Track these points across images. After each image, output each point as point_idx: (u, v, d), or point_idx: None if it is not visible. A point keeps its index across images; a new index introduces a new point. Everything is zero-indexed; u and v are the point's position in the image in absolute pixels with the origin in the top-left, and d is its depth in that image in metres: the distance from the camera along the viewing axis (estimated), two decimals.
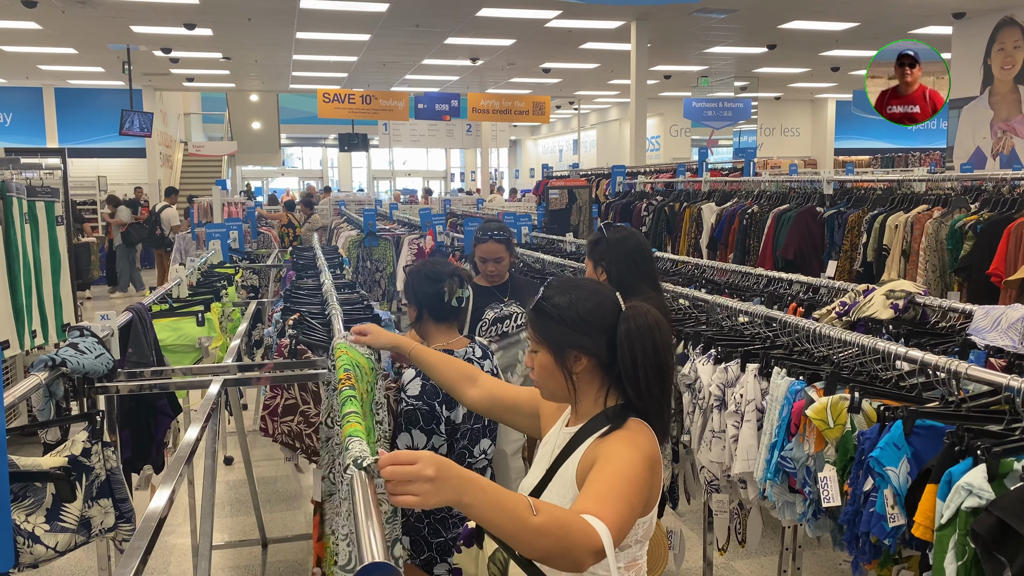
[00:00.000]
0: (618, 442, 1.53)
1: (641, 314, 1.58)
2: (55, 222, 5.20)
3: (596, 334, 1.60)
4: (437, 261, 2.73)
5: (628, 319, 1.58)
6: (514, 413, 1.93)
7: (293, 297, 3.73)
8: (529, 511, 1.28)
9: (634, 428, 1.56)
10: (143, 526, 1.45)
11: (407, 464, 1.22)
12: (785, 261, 5.73)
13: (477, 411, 2.03)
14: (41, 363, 2.18)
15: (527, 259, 5.11)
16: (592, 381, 1.63)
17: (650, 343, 1.56)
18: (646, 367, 1.56)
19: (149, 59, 15.84)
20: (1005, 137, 11.36)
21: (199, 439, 1.98)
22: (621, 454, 1.49)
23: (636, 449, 1.51)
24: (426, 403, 2.41)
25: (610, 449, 1.51)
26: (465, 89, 20.24)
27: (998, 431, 1.85)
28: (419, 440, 2.42)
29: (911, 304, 2.97)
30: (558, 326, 1.62)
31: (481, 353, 2.59)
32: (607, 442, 1.54)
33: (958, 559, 1.69)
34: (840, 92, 22.78)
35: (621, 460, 1.48)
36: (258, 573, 3.88)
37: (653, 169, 10.83)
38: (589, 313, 1.61)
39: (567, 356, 1.62)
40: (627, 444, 1.52)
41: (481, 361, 2.56)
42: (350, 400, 1.71)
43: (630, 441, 1.53)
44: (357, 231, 8.16)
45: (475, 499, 1.25)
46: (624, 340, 1.56)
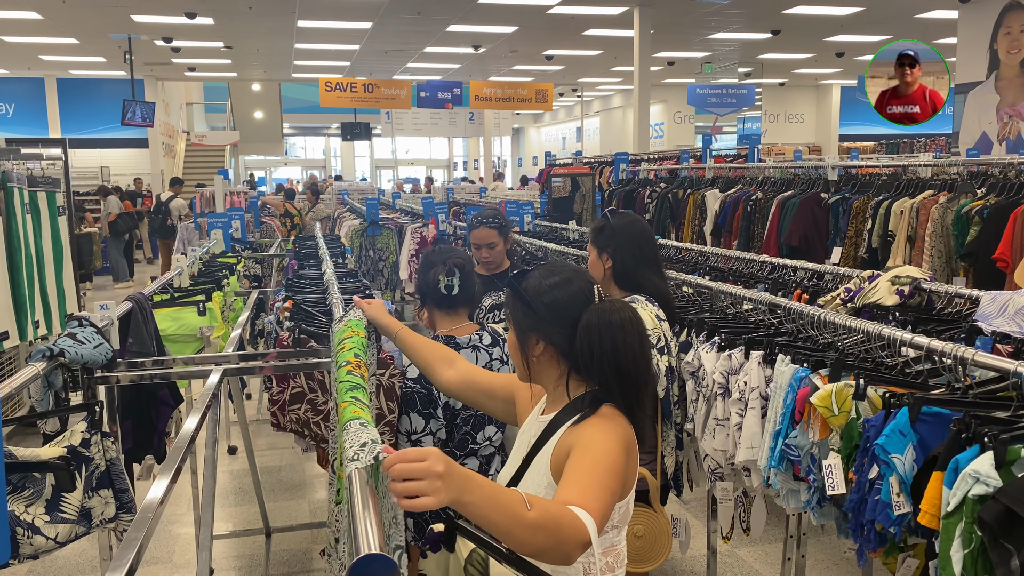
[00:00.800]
0: (593, 429, 1.51)
1: (606, 311, 1.56)
2: (57, 212, 5.19)
3: (559, 323, 1.60)
4: (440, 249, 2.70)
5: (591, 314, 1.56)
6: (488, 398, 1.92)
7: (295, 286, 3.71)
8: (524, 506, 1.26)
9: (608, 414, 1.54)
10: (140, 516, 1.44)
11: (416, 461, 1.16)
12: (789, 248, 5.70)
13: (451, 394, 2.02)
14: (39, 353, 2.17)
15: (529, 247, 5.09)
16: (551, 367, 1.64)
17: (609, 341, 1.53)
18: (603, 364, 1.54)
19: (150, 49, 15.81)
20: (1011, 122, 11.27)
21: (199, 429, 1.97)
22: (598, 441, 1.47)
23: (611, 434, 1.49)
24: (423, 386, 2.41)
25: (586, 436, 1.49)
26: (467, 77, 20.17)
27: (1005, 418, 1.83)
28: (416, 423, 2.41)
29: (917, 290, 2.95)
30: (524, 309, 1.64)
31: (490, 340, 2.54)
32: (581, 428, 1.52)
33: (964, 547, 1.67)
34: (845, 78, 22.65)
35: (598, 448, 1.46)
36: (262, 562, 3.89)
37: (657, 156, 10.79)
38: (556, 302, 1.61)
39: (528, 339, 1.64)
40: (602, 431, 1.50)
41: (490, 348, 2.52)
42: (355, 387, 1.65)
43: (604, 427, 1.51)
44: (360, 220, 8.15)
45: (474, 496, 1.21)
46: (582, 334, 1.55)
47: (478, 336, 2.54)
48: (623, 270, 2.66)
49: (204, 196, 10.92)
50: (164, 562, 3.90)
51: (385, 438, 2.36)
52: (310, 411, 2.53)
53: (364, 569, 1.04)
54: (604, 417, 1.54)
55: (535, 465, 1.59)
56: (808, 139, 24.09)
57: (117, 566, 1.28)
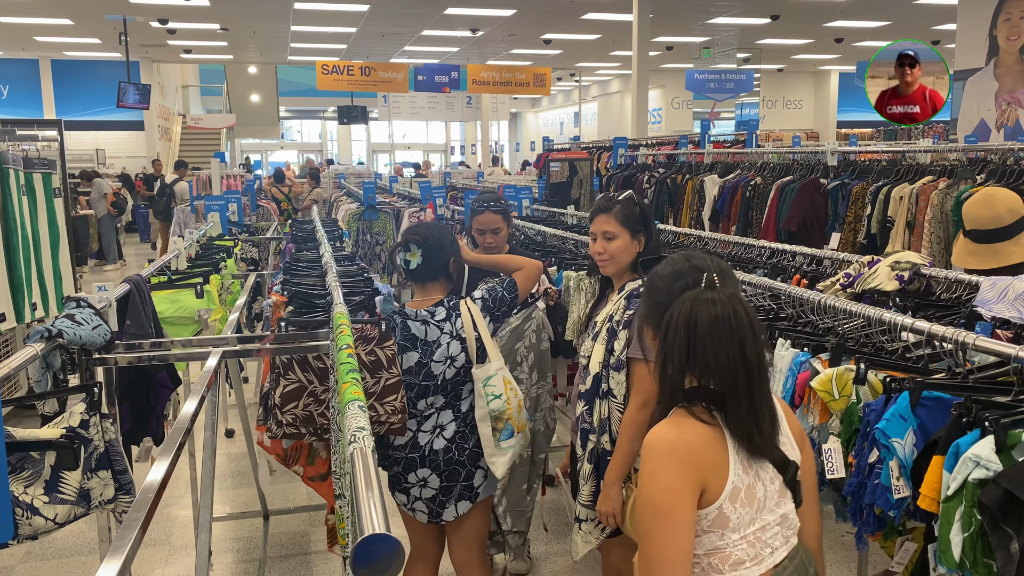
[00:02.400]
0: (643, 466, 1.52)
1: (716, 302, 1.52)
2: (53, 194, 5.16)
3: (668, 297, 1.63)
4: (411, 227, 2.74)
5: (694, 303, 1.53)
6: None
7: (292, 269, 3.70)
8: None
9: (675, 415, 1.55)
10: (141, 497, 1.43)
11: None
12: (788, 233, 5.69)
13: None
14: (37, 334, 2.16)
15: (528, 231, 5.08)
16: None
17: (692, 329, 1.52)
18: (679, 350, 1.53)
19: (146, 30, 15.68)
20: (1010, 109, 11.25)
21: (197, 411, 1.96)
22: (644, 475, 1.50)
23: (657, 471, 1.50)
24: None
25: (640, 479, 1.53)
26: (465, 61, 20.06)
27: (1006, 403, 1.83)
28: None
29: (916, 275, 2.94)
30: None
31: (443, 315, 2.57)
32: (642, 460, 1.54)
33: (964, 530, 1.68)
34: (843, 64, 22.59)
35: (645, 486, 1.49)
36: (260, 545, 3.89)
37: (655, 141, 10.76)
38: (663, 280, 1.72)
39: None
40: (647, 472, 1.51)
41: (441, 323, 2.55)
42: (355, 368, 1.66)
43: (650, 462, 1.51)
44: (357, 204, 8.12)
45: None
46: (671, 319, 1.55)
47: (430, 312, 2.56)
48: (655, 252, 2.62)
49: (200, 179, 10.86)
50: (162, 544, 3.91)
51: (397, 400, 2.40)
52: (312, 404, 2.49)
53: (368, 549, 1.04)
54: (669, 425, 1.54)
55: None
56: (806, 125, 24.05)
57: (118, 547, 1.28)
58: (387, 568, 1.04)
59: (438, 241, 2.62)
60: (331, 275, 3.01)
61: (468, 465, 2.56)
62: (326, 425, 2.49)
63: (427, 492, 2.55)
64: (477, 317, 2.58)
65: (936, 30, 16.41)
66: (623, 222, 2.59)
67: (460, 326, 2.56)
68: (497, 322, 2.70)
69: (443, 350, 2.54)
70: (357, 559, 1.04)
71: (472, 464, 2.57)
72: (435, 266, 2.60)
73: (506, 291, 2.71)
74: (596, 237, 2.65)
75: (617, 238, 2.57)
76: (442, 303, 2.60)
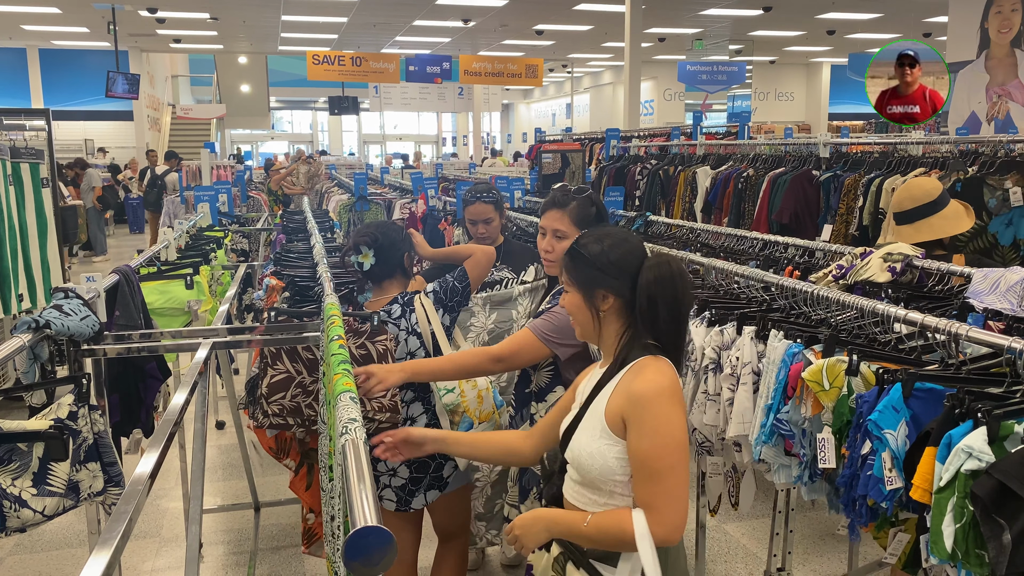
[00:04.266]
0: (658, 402, 1.65)
1: (665, 263, 1.74)
2: (40, 184, 5.11)
3: (623, 277, 1.77)
4: (359, 228, 2.75)
5: (652, 267, 1.74)
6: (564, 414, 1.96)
7: (283, 260, 3.67)
8: (581, 523, 1.69)
9: (654, 366, 1.71)
10: (129, 490, 1.42)
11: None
12: (780, 225, 5.69)
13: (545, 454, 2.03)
14: (24, 325, 2.14)
15: (520, 223, 5.06)
16: (615, 321, 1.80)
17: (670, 290, 1.72)
18: (664, 312, 1.73)
19: (135, 19, 15.55)
20: (1000, 101, 11.28)
21: (187, 402, 1.95)
22: (652, 415, 1.64)
23: (676, 407, 1.67)
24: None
25: (652, 413, 1.65)
26: (457, 51, 19.99)
27: (998, 394, 1.83)
28: None
29: (908, 267, 2.94)
30: (589, 269, 1.80)
31: (399, 312, 2.55)
32: (644, 393, 1.66)
33: (956, 521, 1.68)
34: (835, 56, 22.61)
35: (655, 422, 1.64)
36: (251, 536, 3.88)
37: (648, 133, 10.74)
38: (620, 258, 1.79)
39: (595, 295, 1.79)
40: (667, 404, 1.65)
41: (397, 320, 2.53)
42: (347, 359, 1.66)
43: (669, 398, 1.66)
44: (348, 195, 8.08)
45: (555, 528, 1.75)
46: (647, 285, 1.73)
47: (386, 311, 2.55)
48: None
49: (190, 169, 10.80)
50: (152, 536, 3.89)
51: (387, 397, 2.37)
52: (300, 395, 2.48)
53: (360, 542, 1.03)
54: (660, 374, 1.69)
55: (590, 412, 1.76)
56: (798, 117, 24.09)
57: (106, 539, 1.26)
58: (379, 561, 1.03)
59: (389, 240, 2.64)
60: (322, 266, 2.99)
61: (438, 457, 2.54)
62: (313, 416, 2.47)
63: (396, 481, 2.53)
64: (430, 311, 2.58)
65: (928, 22, 16.43)
66: (577, 222, 2.44)
67: (415, 321, 2.55)
68: (452, 312, 2.69)
69: (403, 347, 2.52)
70: (349, 552, 1.03)
71: (442, 456, 2.55)
72: (389, 264, 2.63)
73: (456, 281, 2.71)
74: (546, 233, 2.48)
75: (567, 239, 2.34)
76: (396, 300, 2.59)
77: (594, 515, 1.69)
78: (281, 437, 2.77)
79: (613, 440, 1.68)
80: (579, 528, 1.69)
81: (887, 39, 18.94)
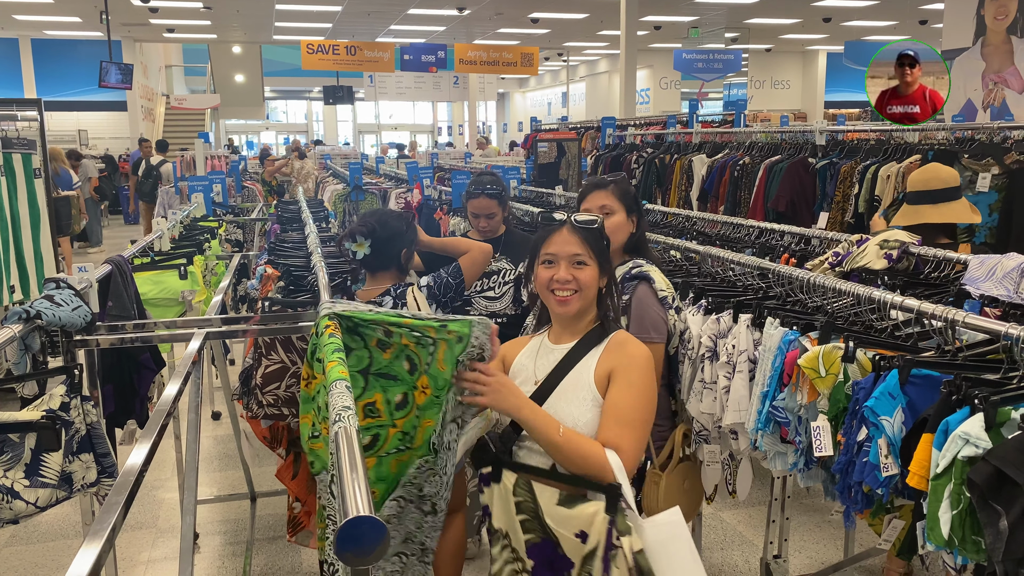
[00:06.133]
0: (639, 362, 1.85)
1: None
2: (33, 175, 5.08)
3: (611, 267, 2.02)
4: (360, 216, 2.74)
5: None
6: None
7: (277, 250, 3.65)
8: (556, 431, 1.74)
9: (633, 338, 1.94)
10: (121, 481, 1.40)
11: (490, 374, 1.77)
12: (776, 213, 5.68)
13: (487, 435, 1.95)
14: (15, 315, 2.12)
15: (516, 212, 5.05)
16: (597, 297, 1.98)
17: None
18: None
19: (128, 8, 15.43)
20: (996, 89, 11.25)
21: (180, 393, 1.93)
22: (639, 374, 1.83)
23: (651, 369, 1.87)
24: None
25: (633, 370, 1.83)
26: (452, 40, 19.89)
27: (995, 380, 1.83)
28: None
29: (905, 254, 2.94)
30: (607, 251, 2.00)
31: (391, 303, 2.55)
32: (628, 355, 1.86)
33: (953, 508, 1.68)
34: (831, 44, 22.54)
35: (643, 384, 1.83)
36: (247, 527, 3.88)
37: (644, 121, 10.70)
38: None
39: (606, 271, 1.98)
40: (647, 366, 1.85)
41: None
42: (339, 348, 1.63)
43: (648, 361, 1.87)
44: (343, 185, 8.05)
45: (525, 412, 1.77)
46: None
47: (377, 302, 2.54)
48: (641, 234, 2.63)
49: (185, 160, 10.74)
50: (148, 527, 3.88)
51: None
52: (295, 385, 2.46)
53: (353, 532, 1.02)
54: (640, 344, 1.91)
55: (572, 385, 1.85)
56: (794, 106, 24.02)
57: (98, 530, 1.25)
58: (372, 551, 1.02)
59: (388, 231, 2.62)
60: (316, 255, 2.97)
61: None
62: None
63: None
64: (423, 304, 2.57)
65: (924, 9, 16.37)
66: (620, 198, 2.56)
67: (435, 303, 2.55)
68: (445, 308, 2.68)
69: None
70: (341, 541, 1.02)
71: None
72: (385, 256, 2.62)
73: (450, 276, 2.69)
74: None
75: (615, 214, 2.51)
76: (389, 291, 2.59)
77: (566, 429, 1.76)
78: (276, 427, 2.76)
79: (600, 404, 1.83)
80: (551, 433, 1.74)
81: (883, 27, 18.89)
